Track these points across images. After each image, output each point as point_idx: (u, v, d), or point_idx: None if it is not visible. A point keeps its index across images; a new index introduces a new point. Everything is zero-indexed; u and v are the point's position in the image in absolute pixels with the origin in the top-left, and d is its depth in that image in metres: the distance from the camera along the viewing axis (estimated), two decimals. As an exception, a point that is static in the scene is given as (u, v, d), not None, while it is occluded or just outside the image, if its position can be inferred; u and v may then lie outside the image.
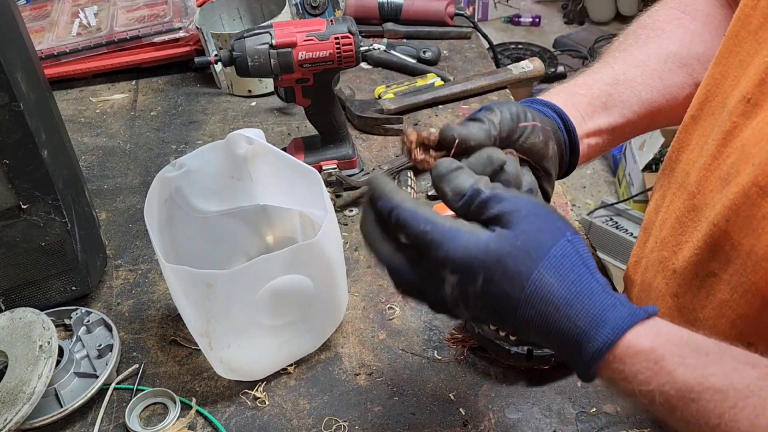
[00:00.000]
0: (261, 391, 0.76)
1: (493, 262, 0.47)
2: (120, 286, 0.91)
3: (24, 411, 0.68)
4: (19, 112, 0.71)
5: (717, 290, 0.61)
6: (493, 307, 0.48)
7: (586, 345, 0.46)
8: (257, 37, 0.92)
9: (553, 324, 0.47)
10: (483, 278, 0.47)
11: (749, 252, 0.56)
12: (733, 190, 0.57)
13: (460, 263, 0.47)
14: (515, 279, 0.47)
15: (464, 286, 0.48)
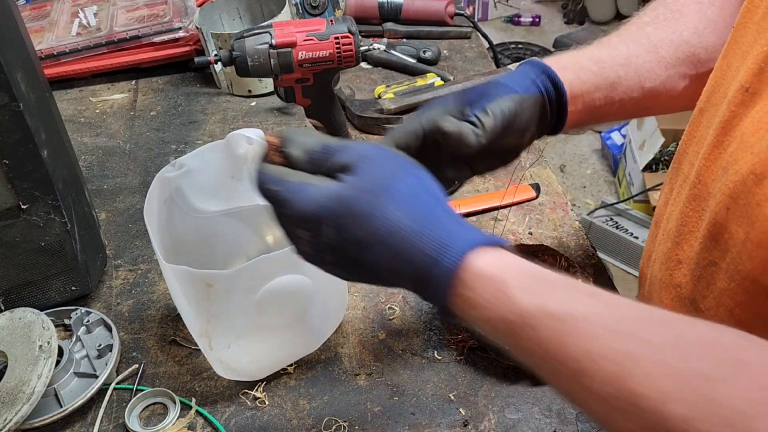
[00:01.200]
0: (261, 391, 0.76)
1: (342, 209, 0.47)
2: (120, 286, 0.91)
3: (24, 411, 0.68)
4: (18, 112, 0.71)
5: (717, 279, 0.61)
6: (350, 255, 0.48)
7: (435, 271, 0.45)
8: (257, 36, 0.92)
9: (405, 259, 0.46)
10: (334, 227, 0.47)
11: (745, 240, 0.56)
12: (731, 179, 0.58)
13: (308, 217, 0.48)
14: (364, 221, 0.46)
15: (317, 240, 0.48)
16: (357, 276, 0.51)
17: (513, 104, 0.65)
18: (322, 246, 0.49)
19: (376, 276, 0.49)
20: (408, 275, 0.47)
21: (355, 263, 0.49)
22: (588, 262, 0.90)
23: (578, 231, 0.95)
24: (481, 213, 0.99)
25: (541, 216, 0.98)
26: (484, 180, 1.05)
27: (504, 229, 0.95)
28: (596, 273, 0.88)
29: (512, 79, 0.68)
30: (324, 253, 0.49)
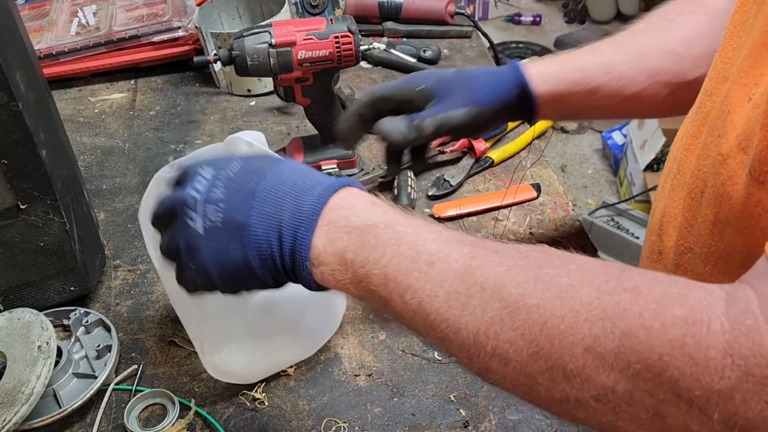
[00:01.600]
0: (260, 392, 0.76)
1: (249, 157, 0.56)
2: (119, 287, 0.90)
3: (22, 412, 0.68)
4: (17, 111, 0.71)
5: (694, 265, 0.62)
6: (241, 182, 0.53)
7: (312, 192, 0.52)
8: (256, 36, 0.92)
9: (294, 181, 0.53)
10: (239, 164, 0.55)
11: (714, 221, 0.57)
12: (703, 163, 0.59)
13: (218, 158, 0.56)
14: (269, 162, 0.56)
15: (218, 174, 0.54)
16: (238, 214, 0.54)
17: (466, 119, 0.72)
18: (219, 179, 0.54)
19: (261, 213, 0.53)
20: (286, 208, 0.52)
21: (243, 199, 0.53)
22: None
23: (579, 231, 0.95)
24: (481, 213, 0.98)
25: (541, 216, 0.98)
26: (484, 180, 1.05)
27: (504, 229, 0.95)
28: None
29: (483, 88, 0.73)
30: (218, 186, 0.54)
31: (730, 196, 0.54)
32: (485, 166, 1.07)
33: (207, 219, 0.53)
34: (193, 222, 0.53)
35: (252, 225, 0.52)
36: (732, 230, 0.55)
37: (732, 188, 0.53)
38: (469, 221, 0.97)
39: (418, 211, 0.99)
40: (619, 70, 0.74)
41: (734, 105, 0.54)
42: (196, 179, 0.54)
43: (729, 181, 0.53)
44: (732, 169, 0.53)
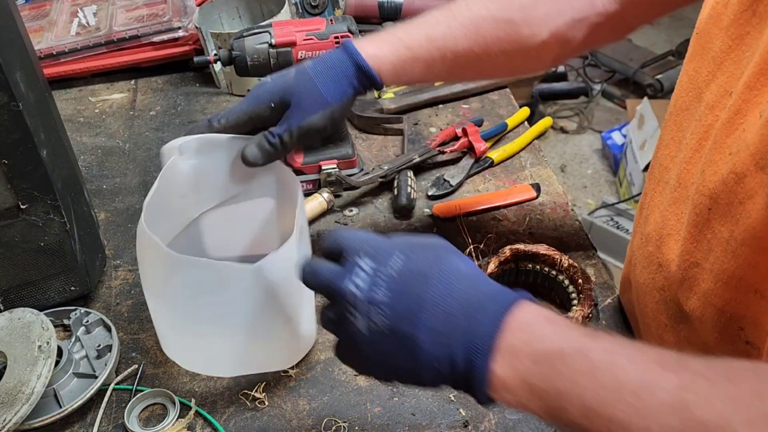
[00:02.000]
0: (260, 391, 0.76)
1: (409, 247, 0.53)
2: (119, 287, 0.90)
3: (23, 411, 0.68)
4: (18, 111, 0.71)
5: (700, 280, 0.62)
6: (405, 285, 0.51)
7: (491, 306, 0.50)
8: (257, 36, 0.92)
9: (463, 293, 0.50)
10: (400, 259, 0.52)
11: (729, 239, 0.56)
12: (711, 179, 0.58)
13: (378, 247, 0.53)
14: (432, 261, 0.52)
15: (378, 269, 0.52)
16: (407, 312, 0.51)
17: (323, 122, 0.73)
18: (381, 275, 0.52)
19: (429, 311, 0.50)
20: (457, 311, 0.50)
21: (415, 293, 0.51)
22: (588, 263, 0.90)
23: (579, 231, 0.95)
24: (481, 213, 0.99)
25: (541, 216, 0.98)
26: (484, 180, 1.05)
27: (504, 229, 0.95)
28: (596, 273, 0.88)
29: (329, 85, 0.73)
30: (381, 282, 0.52)
31: (748, 215, 0.53)
32: (485, 166, 1.07)
33: (371, 321, 0.51)
34: (356, 320, 0.52)
35: (421, 339, 0.49)
36: (748, 250, 0.54)
37: (751, 207, 0.52)
38: (469, 221, 0.98)
39: (418, 211, 0.99)
40: (451, 46, 0.75)
41: (747, 123, 0.53)
42: (355, 271, 0.52)
43: (748, 200, 0.52)
44: (751, 188, 0.52)
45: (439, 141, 1.06)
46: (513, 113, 1.17)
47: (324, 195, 0.99)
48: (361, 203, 1.02)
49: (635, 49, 3.32)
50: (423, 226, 0.97)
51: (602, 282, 0.87)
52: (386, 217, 0.99)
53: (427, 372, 0.50)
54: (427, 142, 1.07)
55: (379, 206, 1.01)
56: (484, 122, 1.16)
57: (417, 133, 1.16)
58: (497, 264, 0.82)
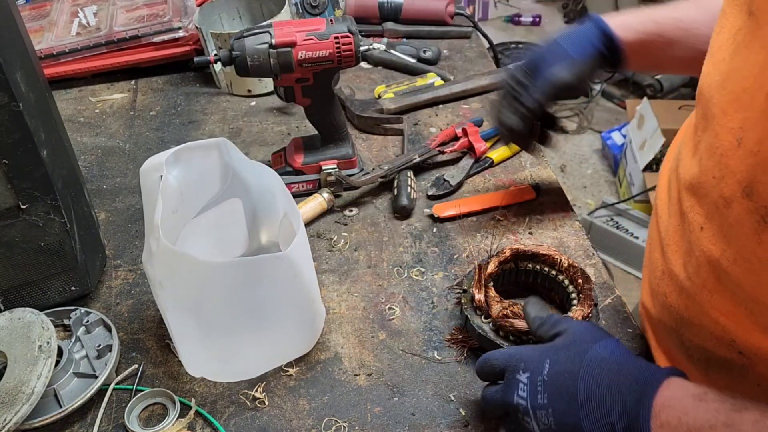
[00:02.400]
0: (260, 391, 0.76)
1: (554, 351, 0.62)
2: (119, 287, 0.91)
3: (23, 411, 0.68)
4: (18, 111, 0.71)
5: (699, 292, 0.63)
6: (558, 385, 0.59)
7: (651, 386, 0.55)
8: (257, 36, 0.92)
9: (609, 380, 0.57)
10: (549, 364, 0.60)
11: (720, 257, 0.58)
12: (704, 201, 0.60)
13: (528, 359, 0.62)
14: (575, 357, 0.60)
15: (534, 378, 0.60)
16: (568, 405, 0.58)
17: (566, 72, 0.78)
18: (537, 382, 0.61)
19: (582, 400, 0.57)
20: (612, 396, 0.56)
21: (566, 391, 0.58)
22: (588, 262, 0.90)
23: (578, 231, 0.95)
24: (481, 213, 0.99)
25: (541, 216, 0.98)
26: (484, 180, 1.05)
27: (504, 229, 0.95)
28: (596, 273, 0.88)
29: (572, 43, 0.79)
30: (537, 387, 0.60)
31: (738, 239, 0.54)
32: (485, 166, 1.07)
33: (541, 423, 0.59)
34: (528, 425, 0.61)
35: (585, 428, 0.56)
36: (740, 269, 0.55)
37: (740, 231, 0.54)
38: (468, 221, 0.98)
39: (418, 211, 1.00)
40: (694, 28, 0.76)
41: (725, 148, 0.54)
42: (518, 386, 0.61)
43: (736, 224, 0.54)
44: (738, 213, 0.53)
45: (439, 141, 1.07)
46: (513, 113, 1.17)
47: (324, 195, 0.99)
48: (361, 203, 1.02)
49: (635, 49, 3.32)
50: (423, 226, 0.97)
51: (602, 282, 0.87)
52: (386, 217, 0.99)
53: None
54: (427, 142, 1.07)
55: (379, 206, 1.01)
56: (484, 122, 1.16)
57: (417, 133, 1.16)
58: (497, 264, 0.82)
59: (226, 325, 0.74)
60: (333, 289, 0.88)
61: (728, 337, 0.60)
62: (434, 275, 0.89)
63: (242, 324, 0.74)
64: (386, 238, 0.96)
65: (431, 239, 0.95)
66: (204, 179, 0.80)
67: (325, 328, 0.82)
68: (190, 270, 0.68)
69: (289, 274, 0.71)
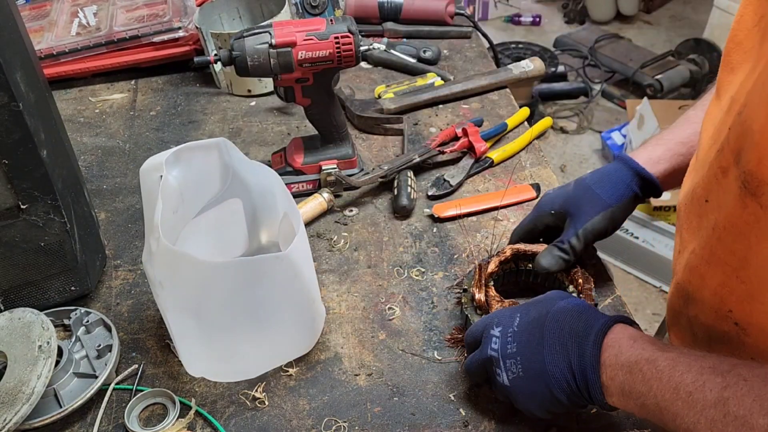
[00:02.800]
0: (260, 391, 0.76)
1: (525, 307, 0.68)
2: (119, 287, 0.91)
3: (23, 411, 0.68)
4: (18, 111, 0.71)
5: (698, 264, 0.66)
6: (527, 334, 0.65)
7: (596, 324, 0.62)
8: (257, 36, 0.92)
9: (571, 326, 0.64)
10: (519, 317, 0.67)
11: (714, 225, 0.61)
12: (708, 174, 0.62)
13: (501, 316, 0.69)
14: (542, 309, 0.67)
15: (505, 330, 0.67)
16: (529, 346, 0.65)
17: (605, 223, 0.80)
18: (507, 333, 0.67)
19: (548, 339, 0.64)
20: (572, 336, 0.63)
21: (531, 334, 0.65)
22: (588, 262, 0.89)
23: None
24: (481, 213, 0.99)
25: (541, 216, 0.98)
26: (484, 180, 1.05)
27: (504, 229, 0.95)
28: (596, 273, 0.88)
29: (607, 190, 0.80)
30: (508, 336, 0.67)
31: (728, 205, 0.57)
32: (485, 167, 1.07)
33: (510, 372, 0.66)
34: (500, 377, 0.67)
35: (549, 370, 0.63)
36: (729, 236, 0.58)
37: (729, 197, 0.57)
38: (468, 221, 0.98)
39: (418, 211, 0.99)
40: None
41: (733, 123, 0.56)
42: (491, 340, 0.68)
43: (728, 190, 0.57)
44: (729, 180, 0.57)
45: (439, 141, 1.07)
46: (513, 113, 1.18)
47: (324, 195, 0.99)
48: (361, 203, 1.02)
49: (635, 49, 3.32)
50: (423, 226, 0.97)
51: (602, 282, 0.87)
52: (386, 217, 0.99)
53: (560, 393, 0.62)
54: (427, 142, 1.07)
55: (379, 206, 1.01)
56: (484, 122, 1.16)
57: (417, 133, 1.16)
58: (497, 264, 0.82)
59: (226, 325, 0.74)
60: (333, 289, 0.88)
61: (725, 308, 0.62)
62: (434, 275, 0.89)
63: (242, 324, 0.74)
64: (386, 238, 0.96)
65: (431, 239, 0.95)
66: (204, 179, 0.80)
67: (325, 328, 0.82)
68: (190, 270, 0.68)
69: (289, 274, 0.71)
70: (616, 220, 0.81)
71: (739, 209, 0.55)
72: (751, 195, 0.53)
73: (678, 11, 3.93)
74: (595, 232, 0.80)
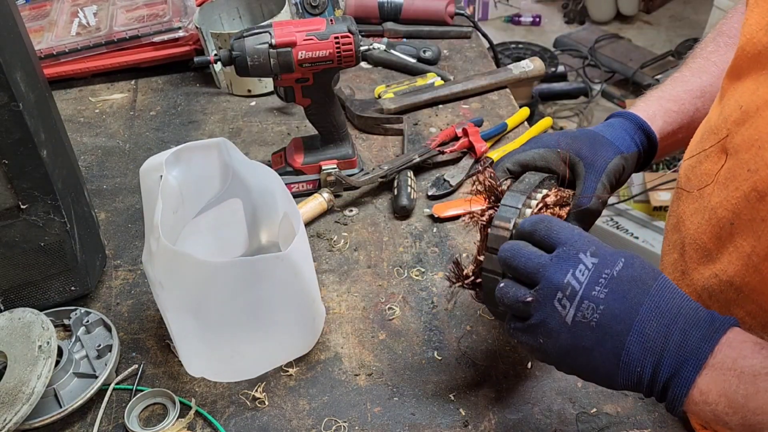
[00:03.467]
0: (260, 391, 0.76)
1: (630, 256, 0.54)
2: (119, 287, 0.91)
3: (23, 411, 0.68)
4: (18, 112, 0.71)
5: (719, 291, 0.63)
6: (625, 290, 0.52)
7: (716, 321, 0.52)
8: (257, 36, 0.92)
9: (678, 307, 0.52)
10: (623, 264, 0.53)
11: (750, 254, 0.57)
12: (733, 194, 0.59)
13: (600, 247, 0.55)
14: (650, 272, 0.53)
15: (601, 269, 0.53)
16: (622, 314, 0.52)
17: (620, 163, 0.69)
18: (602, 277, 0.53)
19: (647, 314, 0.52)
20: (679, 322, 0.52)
21: (629, 299, 0.52)
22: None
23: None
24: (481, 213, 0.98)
25: (541, 216, 0.98)
26: (484, 180, 1.05)
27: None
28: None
29: (615, 136, 0.71)
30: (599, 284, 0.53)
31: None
32: (485, 167, 1.07)
33: (579, 314, 0.52)
34: (564, 310, 0.53)
35: (630, 342, 0.51)
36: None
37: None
38: (468, 221, 0.97)
39: (418, 211, 0.99)
40: (709, 92, 0.77)
41: (764, 141, 0.54)
42: (578, 266, 0.54)
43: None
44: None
45: (439, 141, 1.07)
46: (513, 113, 1.18)
47: (324, 195, 0.99)
48: (361, 203, 1.02)
49: (635, 49, 3.32)
50: (423, 226, 0.97)
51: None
52: (386, 217, 0.99)
53: (624, 374, 0.52)
54: (427, 142, 1.07)
55: (379, 206, 1.01)
56: (484, 122, 1.16)
57: (417, 133, 1.16)
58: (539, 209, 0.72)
59: (226, 325, 0.74)
60: (333, 289, 0.88)
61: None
62: (434, 275, 0.89)
63: (242, 324, 0.74)
64: (386, 238, 0.96)
65: (431, 239, 0.95)
66: (204, 179, 0.80)
67: (325, 328, 0.82)
68: (190, 270, 0.68)
69: (289, 274, 0.72)
70: (627, 170, 0.71)
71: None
72: None
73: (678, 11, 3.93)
74: (616, 176, 0.69)
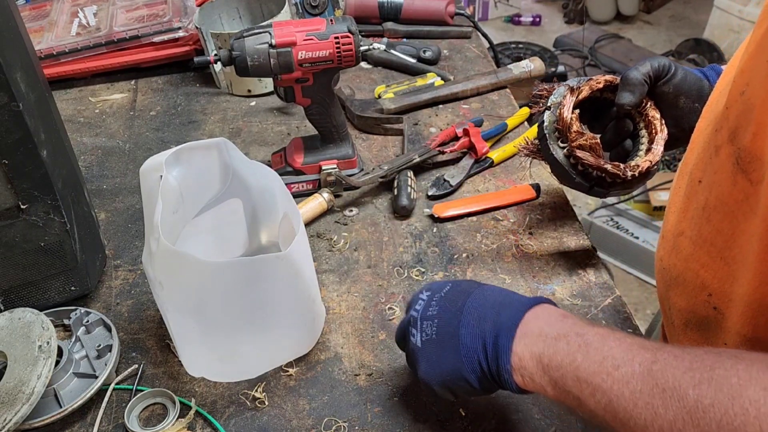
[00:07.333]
0: (260, 391, 0.76)
1: (459, 281, 0.68)
2: (119, 287, 0.91)
3: (23, 411, 0.68)
4: (18, 112, 0.71)
5: (683, 246, 0.66)
6: (451, 301, 0.64)
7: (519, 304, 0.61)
8: (257, 36, 0.92)
9: (495, 299, 0.63)
10: (450, 286, 0.66)
11: (704, 205, 0.61)
12: (702, 154, 0.62)
13: (434, 284, 0.69)
14: (474, 284, 0.66)
15: (432, 295, 0.66)
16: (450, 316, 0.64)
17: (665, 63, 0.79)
18: (434, 299, 0.66)
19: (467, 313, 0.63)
20: (494, 310, 0.62)
21: (455, 305, 0.64)
22: (588, 262, 0.89)
23: (578, 231, 0.95)
24: (481, 213, 0.99)
25: (541, 216, 0.98)
26: (484, 180, 1.05)
27: (504, 229, 0.95)
28: (596, 273, 0.88)
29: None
30: (433, 302, 0.66)
31: (720, 183, 0.58)
32: (485, 167, 1.07)
33: (424, 333, 0.64)
34: (414, 337, 0.65)
35: (461, 335, 0.61)
36: (718, 215, 0.59)
37: (721, 176, 0.57)
38: (469, 221, 0.98)
39: (418, 211, 0.99)
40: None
41: (730, 101, 0.56)
42: (417, 302, 0.67)
43: (720, 169, 0.57)
44: (722, 159, 0.57)
45: (439, 141, 1.07)
46: (513, 113, 1.18)
47: (324, 195, 0.99)
48: (361, 203, 1.02)
49: (635, 49, 3.32)
50: (423, 226, 0.97)
51: (602, 282, 0.87)
52: (386, 217, 0.99)
53: (468, 365, 0.60)
54: (427, 142, 1.07)
55: (379, 206, 1.01)
56: (484, 122, 1.16)
57: (417, 133, 1.16)
58: (589, 91, 0.80)
59: (226, 325, 0.74)
60: (333, 289, 0.88)
61: (706, 291, 0.62)
62: (434, 275, 0.89)
63: (242, 324, 0.74)
64: (386, 238, 0.96)
65: (431, 239, 0.95)
66: (204, 179, 0.80)
67: (325, 328, 0.82)
68: (190, 270, 0.68)
69: (289, 274, 0.72)
70: (687, 77, 0.80)
71: (729, 187, 0.55)
72: (742, 172, 0.53)
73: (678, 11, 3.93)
74: (658, 64, 0.79)
